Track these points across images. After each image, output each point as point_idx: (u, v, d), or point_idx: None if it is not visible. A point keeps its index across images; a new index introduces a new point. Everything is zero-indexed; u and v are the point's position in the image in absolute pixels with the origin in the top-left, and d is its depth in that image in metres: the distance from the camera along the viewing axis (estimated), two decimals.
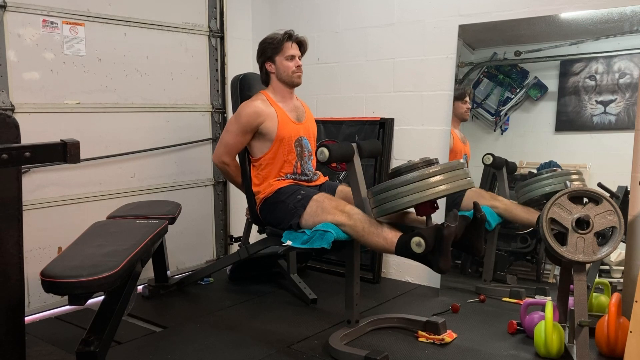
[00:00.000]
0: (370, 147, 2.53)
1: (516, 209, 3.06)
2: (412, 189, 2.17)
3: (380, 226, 2.30)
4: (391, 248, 2.28)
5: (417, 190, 2.16)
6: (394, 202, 2.21)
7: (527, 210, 3.03)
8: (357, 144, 2.46)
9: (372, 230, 2.30)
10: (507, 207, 3.06)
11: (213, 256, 3.88)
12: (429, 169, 2.19)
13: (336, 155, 2.39)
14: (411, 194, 2.17)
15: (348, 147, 2.43)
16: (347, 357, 2.30)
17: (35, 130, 2.83)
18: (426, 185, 2.16)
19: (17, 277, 1.57)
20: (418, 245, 2.15)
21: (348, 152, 2.42)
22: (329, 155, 2.36)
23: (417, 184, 2.17)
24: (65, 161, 1.41)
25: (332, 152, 2.36)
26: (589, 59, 2.90)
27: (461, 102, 3.22)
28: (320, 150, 2.38)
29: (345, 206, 2.39)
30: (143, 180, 3.41)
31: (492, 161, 3.14)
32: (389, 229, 2.30)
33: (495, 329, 2.64)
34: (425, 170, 2.19)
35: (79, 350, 1.90)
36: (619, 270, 2.68)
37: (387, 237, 2.28)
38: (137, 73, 3.33)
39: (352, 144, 2.45)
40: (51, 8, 2.90)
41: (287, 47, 2.69)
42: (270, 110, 2.67)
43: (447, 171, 2.20)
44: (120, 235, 2.21)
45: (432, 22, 3.27)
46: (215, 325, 2.72)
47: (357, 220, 2.32)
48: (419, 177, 2.17)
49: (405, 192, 2.18)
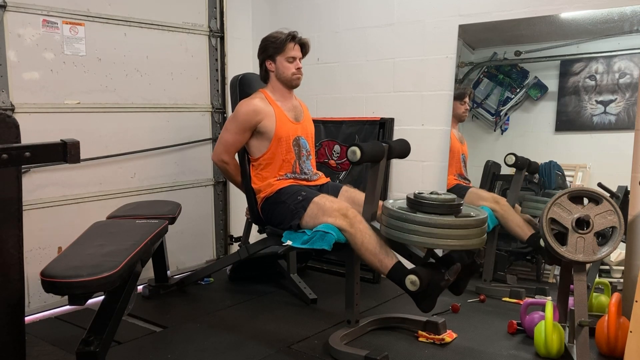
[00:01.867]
0: (400, 147, 2.43)
1: (512, 221, 3.03)
2: (433, 233, 2.05)
3: (379, 245, 2.28)
4: (384, 271, 2.29)
5: (437, 236, 2.05)
6: (408, 237, 2.11)
7: (522, 225, 3.01)
8: (388, 144, 2.37)
9: (370, 248, 2.28)
10: (504, 215, 3.03)
11: (213, 256, 3.88)
12: (458, 220, 2.07)
13: (369, 155, 2.27)
14: (430, 237, 2.06)
15: (380, 146, 2.33)
16: (347, 357, 2.29)
17: (35, 130, 2.83)
18: (448, 235, 2.05)
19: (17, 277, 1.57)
20: (412, 284, 2.14)
21: (380, 152, 2.32)
22: (361, 155, 2.24)
23: (440, 231, 2.05)
24: (65, 161, 1.41)
25: (364, 152, 2.25)
26: (589, 59, 2.90)
27: (460, 103, 3.22)
28: (352, 150, 2.26)
29: (347, 210, 2.37)
30: (143, 180, 3.41)
31: (514, 161, 3.05)
32: (387, 253, 2.28)
33: (495, 329, 2.63)
34: (454, 220, 2.07)
35: (79, 350, 1.90)
36: (619, 270, 2.68)
37: (382, 260, 2.27)
38: (137, 73, 3.33)
39: (383, 143, 2.36)
40: (51, 8, 2.90)
41: (289, 48, 2.69)
42: (269, 109, 2.67)
43: (475, 227, 2.10)
44: (120, 235, 2.21)
45: (432, 22, 3.27)
46: (215, 325, 2.72)
47: (358, 231, 2.30)
48: (444, 224, 2.05)
49: (424, 233, 2.06)
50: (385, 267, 2.27)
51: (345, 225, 2.33)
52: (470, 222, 2.10)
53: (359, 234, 2.30)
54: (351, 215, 2.34)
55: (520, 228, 3.01)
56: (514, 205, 3.06)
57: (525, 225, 3.01)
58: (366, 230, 2.31)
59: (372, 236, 2.30)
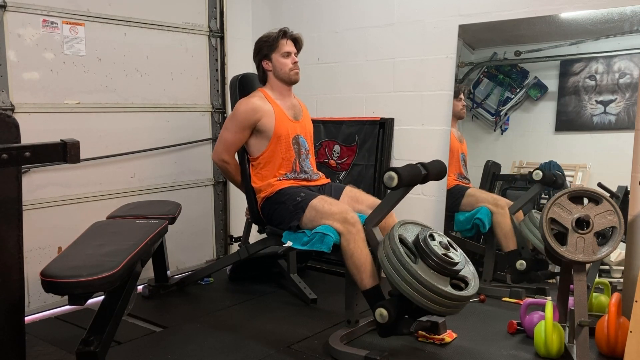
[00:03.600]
0: (436, 169, 2.35)
1: (502, 229, 3.02)
2: (422, 292, 2.08)
3: (366, 262, 2.31)
4: (361, 288, 2.34)
5: (425, 297, 2.09)
6: (397, 281, 2.12)
7: (509, 237, 3.01)
8: (425, 166, 2.29)
9: (357, 262, 2.31)
10: (498, 220, 3.03)
11: (213, 256, 3.88)
12: (449, 292, 2.09)
13: (406, 181, 2.20)
14: (418, 294, 2.09)
15: (417, 170, 2.25)
16: (347, 357, 2.29)
17: (35, 130, 2.82)
18: (435, 301, 2.09)
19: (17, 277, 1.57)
20: (381, 316, 2.20)
21: (417, 177, 2.25)
22: (399, 181, 2.17)
23: (430, 294, 2.08)
24: (65, 161, 1.41)
25: (401, 177, 2.17)
26: (589, 59, 2.90)
27: (456, 100, 3.22)
28: (390, 176, 2.18)
29: (348, 214, 2.37)
30: (143, 180, 3.41)
31: (541, 177, 2.97)
32: (371, 273, 2.32)
33: (495, 329, 2.63)
34: (445, 289, 2.09)
35: (79, 350, 1.90)
36: (619, 270, 2.68)
37: (363, 280, 2.31)
38: (137, 73, 3.33)
39: (419, 166, 2.28)
40: (51, 8, 2.90)
41: (282, 44, 2.71)
42: (268, 107, 2.68)
43: (462, 302, 2.15)
44: (120, 235, 2.20)
45: (432, 22, 3.27)
46: (215, 325, 2.72)
47: (352, 240, 2.32)
48: (436, 291, 2.07)
49: (414, 288, 2.09)
50: (364, 286, 2.32)
51: (342, 230, 2.34)
52: (460, 297, 2.13)
53: (352, 244, 2.32)
54: (351, 220, 2.35)
55: (506, 239, 3.02)
56: (515, 212, 3.05)
57: (512, 238, 3.01)
58: (360, 242, 2.33)
59: (363, 250, 2.32)
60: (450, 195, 3.21)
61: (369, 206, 2.57)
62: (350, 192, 2.70)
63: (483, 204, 3.10)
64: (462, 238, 3.23)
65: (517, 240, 3.01)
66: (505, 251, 3.03)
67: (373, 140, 3.49)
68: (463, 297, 2.13)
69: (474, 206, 3.12)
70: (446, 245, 2.20)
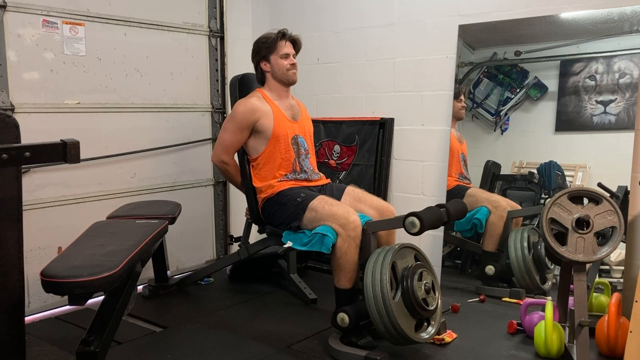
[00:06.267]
0: (457, 210, 2.36)
1: (492, 230, 3.05)
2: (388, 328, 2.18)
3: (352, 267, 2.38)
4: (335, 286, 2.42)
5: (388, 331, 2.20)
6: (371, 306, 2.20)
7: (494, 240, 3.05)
8: (446, 208, 2.30)
9: (342, 264, 2.37)
10: (493, 222, 3.06)
11: (213, 256, 3.88)
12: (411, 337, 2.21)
13: (428, 225, 2.22)
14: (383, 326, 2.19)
15: (439, 214, 2.27)
16: (347, 357, 2.29)
17: (35, 130, 2.83)
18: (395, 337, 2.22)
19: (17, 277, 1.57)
20: (341, 320, 2.30)
21: (439, 220, 2.28)
22: (421, 226, 2.19)
23: (393, 332, 2.19)
24: (65, 161, 1.41)
25: (424, 222, 2.19)
26: (589, 59, 2.90)
27: (456, 101, 3.22)
28: (412, 222, 2.20)
29: (350, 217, 2.37)
30: (143, 180, 3.41)
31: None
32: (350, 277, 2.39)
33: (495, 329, 2.63)
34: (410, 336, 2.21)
35: (79, 350, 1.90)
36: (619, 270, 2.68)
37: (341, 278, 2.40)
38: (137, 73, 3.33)
39: (442, 211, 2.28)
40: (51, 8, 2.90)
41: (281, 46, 2.71)
42: (266, 108, 2.68)
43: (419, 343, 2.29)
44: (120, 235, 2.21)
45: (432, 22, 3.27)
46: (215, 325, 2.72)
47: (346, 244, 2.35)
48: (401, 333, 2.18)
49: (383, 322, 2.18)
50: (340, 285, 2.41)
51: (340, 231, 2.35)
52: (414, 340, 2.24)
53: (345, 247, 2.36)
54: (352, 225, 2.36)
55: (489, 238, 3.06)
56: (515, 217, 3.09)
57: (496, 241, 3.05)
58: (353, 248, 2.36)
59: (352, 256, 2.37)
60: (451, 196, 3.21)
61: (372, 206, 2.57)
62: (353, 192, 2.70)
63: (483, 204, 3.10)
64: (462, 238, 3.23)
65: (501, 244, 3.04)
66: (483, 249, 3.09)
67: (373, 140, 3.49)
68: (419, 340, 2.26)
69: (474, 206, 3.12)
70: (429, 289, 2.27)
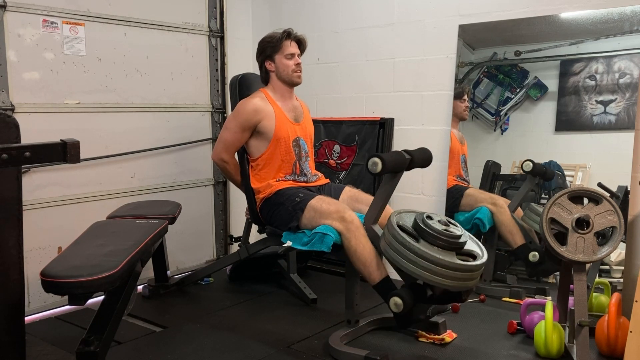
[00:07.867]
0: (421, 157, 2.31)
1: (506, 226, 2.99)
2: (431, 269, 2.01)
3: (372, 256, 2.28)
4: (371, 283, 2.29)
5: (435, 273, 2.01)
6: (405, 264, 2.05)
7: (515, 233, 2.97)
8: (410, 153, 2.26)
9: (362, 258, 2.28)
10: (500, 218, 3.01)
11: (213, 256, 3.88)
12: (458, 264, 2.02)
13: (390, 166, 2.17)
14: (426, 271, 2.02)
15: (401, 157, 2.22)
16: (347, 357, 2.29)
17: (35, 130, 2.83)
18: (445, 275, 2.02)
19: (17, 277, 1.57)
20: (396, 306, 2.14)
21: (402, 163, 2.22)
22: (383, 167, 2.15)
23: (438, 269, 2.01)
24: (65, 161, 1.41)
25: (386, 163, 2.15)
26: (589, 59, 2.90)
27: (459, 101, 3.22)
28: (374, 162, 2.16)
29: (345, 212, 2.36)
30: (143, 180, 3.41)
31: (532, 168, 2.96)
32: (377, 266, 2.27)
33: (495, 329, 2.63)
34: (453, 261, 2.02)
35: (79, 350, 1.90)
36: (619, 270, 2.68)
37: (371, 273, 2.27)
38: (137, 73, 3.33)
39: (402, 152, 2.25)
40: (51, 8, 2.90)
41: (286, 46, 2.70)
42: (269, 109, 2.67)
43: (474, 271, 2.06)
44: (120, 235, 2.21)
45: (432, 22, 3.27)
46: (215, 325, 2.72)
47: (353, 237, 2.30)
48: (444, 264, 2.00)
49: (422, 266, 2.02)
50: (373, 280, 2.28)
51: (342, 229, 2.33)
52: (469, 267, 2.05)
53: (354, 241, 2.30)
54: (348, 218, 2.34)
55: (512, 235, 2.98)
56: (515, 209, 3.03)
57: (518, 233, 2.97)
58: (361, 238, 2.30)
59: (365, 245, 2.29)
60: (450, 195, 3.21)
61: (369, 205, 2.57)
62: (350, 192, 2.70)
63: (482, 203, 3.10)
64: None
65: (523, 235, 2.98)
66: (514, 247, 2.98)
67: (373, 140, 3.49)
68: (473, 266, 2.05)
69: (473, 206, 3.12)
70: (445, 222, 2.15)
